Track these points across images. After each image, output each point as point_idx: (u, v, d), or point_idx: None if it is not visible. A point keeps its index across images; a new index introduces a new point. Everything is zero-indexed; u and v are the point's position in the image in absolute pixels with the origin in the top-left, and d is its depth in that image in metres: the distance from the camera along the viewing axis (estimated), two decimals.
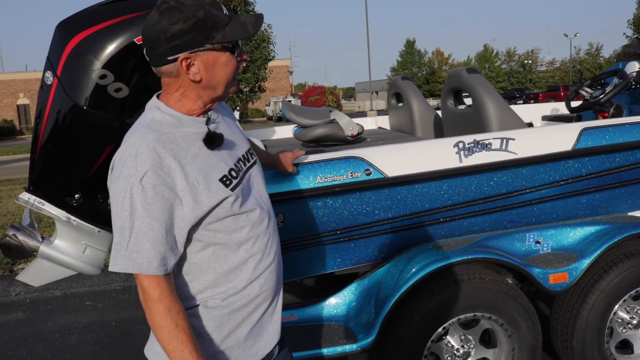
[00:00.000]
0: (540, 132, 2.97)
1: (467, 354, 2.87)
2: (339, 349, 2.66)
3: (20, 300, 5.39)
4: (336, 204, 2.66)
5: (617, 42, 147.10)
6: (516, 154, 2.84)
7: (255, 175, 1.77)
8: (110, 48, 3.06)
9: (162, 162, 1.49)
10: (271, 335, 1.77)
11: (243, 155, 1.73)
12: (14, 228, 3.28)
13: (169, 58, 1.55)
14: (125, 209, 1.46)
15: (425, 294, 2.68)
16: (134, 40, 3.05)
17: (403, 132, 4.45)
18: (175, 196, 1.50)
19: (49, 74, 3.30)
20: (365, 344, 2.63)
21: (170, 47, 1.53)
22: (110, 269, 1.50)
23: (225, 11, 1.59)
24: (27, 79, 52.14)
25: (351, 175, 2.62)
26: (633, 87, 3.71)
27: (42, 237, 3.30)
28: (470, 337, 2.86)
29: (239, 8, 13.60)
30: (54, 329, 4.63)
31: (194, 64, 1.55)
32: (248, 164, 1.74)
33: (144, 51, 1.63)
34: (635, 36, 26.92)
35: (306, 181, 2.57)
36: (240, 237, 1.64)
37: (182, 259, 1.60)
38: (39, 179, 3.38)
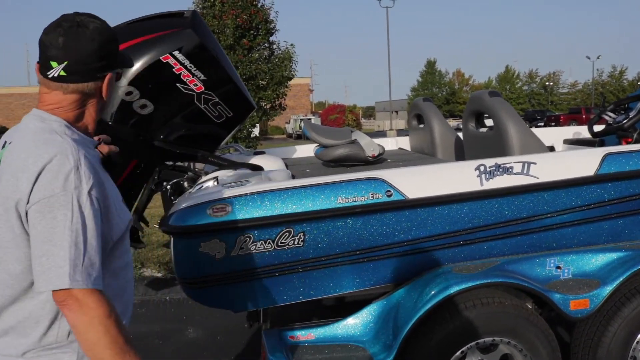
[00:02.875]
0: (563, 157, 2.96)
1: None
2: None
3: None
4: (357, 224, 2.67)
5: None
6: (538, 178, 2.83)
7: None
8: (136, 66, 3.13)
9: (98, 175, 1.51)
10: None
11: None
12: None
13: (98, 75, 1.60)
14: (75, 222, 1.41)
15: (445, 317, 2.67)
16: (160, 58, 3.12)
17: (424, 154, 4.46)
18: (108, 210, 1.53)
19: None
20: None
21: (101, 65, 1.59)
22: (69, 285, 1.39)
23: None
24: None
25: (372, 197, 2.63)
26: None
27: None
28: None
29: (260, 26, 13.79)
30: None
31: (108, 84, 1.65)
32: None
33: (64, 65, 1.56)
34: None
35: (327, 201, 2.59)
36: (127, 260, 1.69)
37: None
38: None
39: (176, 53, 3.10)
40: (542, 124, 37.59)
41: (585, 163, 2.91)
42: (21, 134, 1.55)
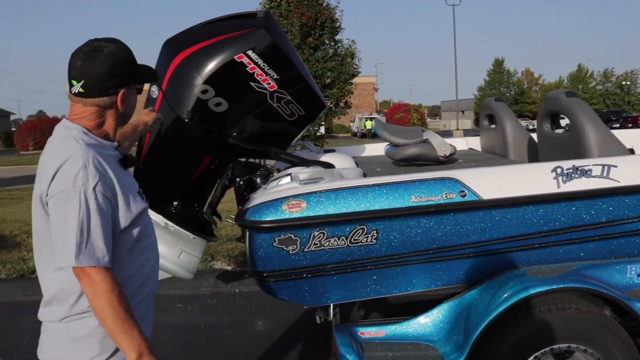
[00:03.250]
0: None
1: None
2: None
3: None
4: (430, 224, 2.67)
5: None
6: (618, 181, 2.75)
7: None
8: (212, 65, 3.24)
9: (106, 174, 1.81)
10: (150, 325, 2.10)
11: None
12: None
13: (111, 91, 1.92)
14: (82, 212, 1.72)
15: (519, 320, 2.63)
16: (234, 57, 3.22)
17: (495, 154, 4.39)
18: (116, 203, 1.83)
19: (154, 88, 3.53)
20: None
21: (114, 83, 1.90)
22: (75, 264, 1.72)
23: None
24: None
25: (446, 196, 2.63)
26: None
27: None
28: None
29: (326, 25, 13.86)
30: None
31: (125, 98, 1.96)
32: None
33: (80, 84, 1.88)
34: None
35: (401, 200, 2.61)
36: (144, 244, 1.99)
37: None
38: (141, 185, 3.60)
39: (250, 52, 3.19)
40: (618, 125, 36.00)
41: None
42: (51, 139, 1.92)
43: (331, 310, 3.13)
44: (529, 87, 69.29)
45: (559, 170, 2.72)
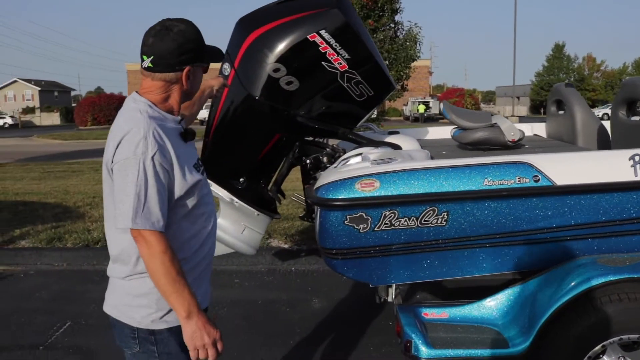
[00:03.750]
0: None
1: None
2: (491, 352, 2.68)
3: None
4: (501, 207, 2.68)
5: None
6: None
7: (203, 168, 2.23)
8: (284, 44, 3.29)
9: (164, 144, 1.92)
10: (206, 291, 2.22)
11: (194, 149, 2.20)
12: None
13: (177, 68, 2.02)
14: (140, 179, 1.84)
15: (587, 309, 2.61)
16: (307, 37, 3.27)
17: (562, 141, 4.32)
18: (172, 171, 1.94)
19: (226, 66, 3.61)
20: (519, 351, 2.63)
21: (179, 60, 2.00)
22: (132, 226, 1.84)
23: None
24: None
25: (519, 181, 2.62)
26: None
27: None
28: None
29: (385, 6, 13.74)
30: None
31: (190, 75, 2.06)
32: (198, 157, 2.20)
33: (150, 59, 2.00)
34: None
35: (474, 183, 2.62)
36: (199, 212, 2.09)
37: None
38: (209, 161, 3.70)
39: (322, 32, 3.22)
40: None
41: None
42: (121, 111, 2.05)
43: (393, 290, 3.18)
44: (589, 74, 66.94)
45: (636, 158, 2.67)
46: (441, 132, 4.92)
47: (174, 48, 1.97)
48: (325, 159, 3.73)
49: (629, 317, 2.60)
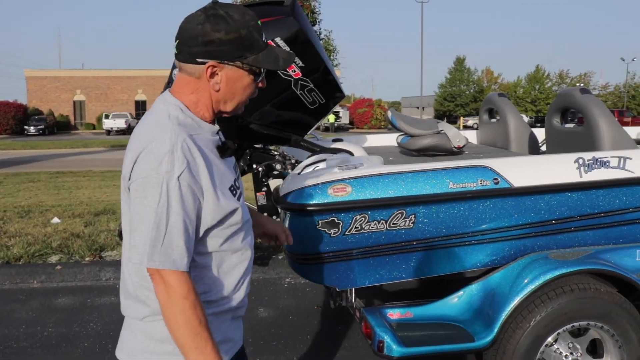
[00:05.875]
0: None
1: None
2: (457, 347, 2.81)
3: (111, 286, 5.69)
4: (464, 209, 2.83)
5: None
6: (633, 172, 2.96)
7: (242, 187, 1.83)
8: None
9: (195, 160, 1.54)
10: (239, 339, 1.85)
11: (235, 167, 1.81)
12: None
13: (198, 59, 1.59)
14: (161, 205, 1.48)
15: (543, 300, 2.81)
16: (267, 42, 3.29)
17: (496, 147, 4.59)
18: (202, 195, 1.56)
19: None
20: (484, 344, 2.78)
21: (204, 51, 1.57)
22: (147, 265, 1.50)
23: (264, 38, 1.66)
24: (85, 76, 54.08)
25: (480, 183, 2.79)
26: None
27: None
28: (578, 346, 2.98)
29: (307, 16, 13.96)
30: None
31: (217, 74, 1.61)
32: (237, 174, 1.81)
33: (176, 43, 1.63)
34: None
35: (440, 186, 2.76)
36: (235, 247, 1.71)
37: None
38: None
39: (278, 40, 3.25)
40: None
41: None
42: (147, 114, 1.70)
43: (353, 294, 3.25)
44: (488, 86, 70.78)
45: (580, 161, 2.91)
46: (380, 140, 5.09)
47: (201, 33, 1.56)
48: (278, 166, 3.76)
49: (578, 306, 2.83)
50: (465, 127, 42.58)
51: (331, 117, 47.14)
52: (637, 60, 66.20)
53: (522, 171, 2.87)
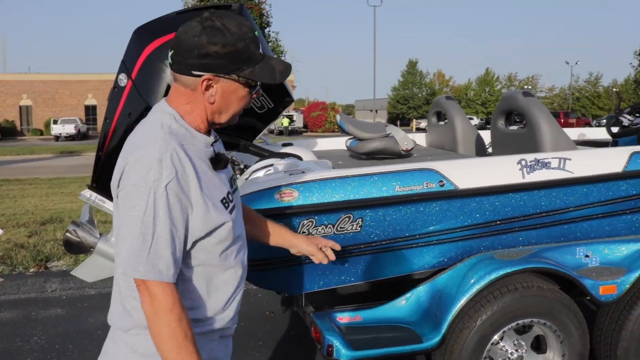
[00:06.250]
0: (593, 154, 3.19)
1: (520, 358, 3.05)
2: (405, 348, 2.84)
3: (57, 297, 5.53)
4: (410, 211, 2.86)
5: (615, 72, 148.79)
6: (572, 173, 3.05)
7: (238, 202, 1.81)
8: None
9: (184, 169, 1.52)
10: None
11: (232, 178, 1.80)
12: (74, 224, 3.40)
13: (194, 72, 1.57)
14: (147, 214, 1.46)
15: (489, 300, 2.86)
16: None
17: (444, 149, 4.67)
18: (190, 206, 1.53)
19: (122, 77, 3.49)
20: (432, 345, 2.81)
21: (200, 63, 1.55)
22: (130, 275, 1.49)
23: (261, 50, 1.64)
24: (31, 80, 52.49)
25: (426, 186, 2.83)
26: None
27: (100, 234, 3.42)
28: (523, 343, 3.05)
29: (256, 19, 13.90)
30: (96, 325, 4.76)
31: (213, 87, 1.59)
32: (234, 188, 1.79)
33: (171, 53, 1.61)
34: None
35: (387, 189, 2.78)
36: (227, 263, 1.68)
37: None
38: (103, 177, 3.55)
39: None
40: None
41: (614, 160, 3.14)
42: (142, 122, 1.66)
43: (303, 299, 3.25)
44: (440, 89, 72.16)
45: (523, 163, 2.99)
46: (330, 143, 5.11)
47: (197, 45, 1.53)
48: None
49: (522, 304, 2.90)
50: (418, 130, 43.19)
51: (285, 121, 47.14)
52: (580, 63, 68.64)
53: (467, 173, 2.92)
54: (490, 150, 4.64)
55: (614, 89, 66.39)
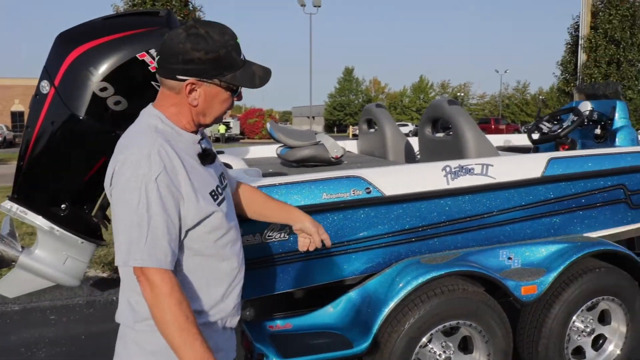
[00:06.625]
0: (514, 160, 3.33)
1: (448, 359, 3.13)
2: (336, 354, 2.86)
3: None
4: (338, 219, 2.89)
5: (541, 81, 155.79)
6: (494, 178, 3.17)
7: (229, 197, 1.91)
8: (112, 61, 3.18)
9: (172, 163, 1.63)
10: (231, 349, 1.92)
11: (221, 175, 1.91)
12: None
13: (178, 76, 1.69)
14: (141, 206, 1.56)
15: (416, 303, 2.93)
16: (137, 55, 3.19)
17: (374, 156, 4.74)
18: (181, 196, 1.64)
19: (45, 84, 3.37)
20: (361, 350, 2.84)
21: (183, 68, 1.67)
22: (129, 264, 1.58)
23: (242, 56, 1.77)
24: None
25: (353, 193, 2.86)
26: (586, 123, 4.17)
27: (22, 247, 3.29)
28: (450, 344, 3.13)
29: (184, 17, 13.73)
30: (20, 342, 4.55)
31: (196, 90, 1.71)
32: (224, 184, 1.89)
33: (157, 58, 1.74)
34: (563, 76, 28.91)
35: (314, 197, 2.80)
36: (222, 254, 1.79)
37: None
38: (24, 188, 3.42)
39: (152, 51, 3.17)
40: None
41: (533, 166, 3.29)
42: (132, 125, 1.79)
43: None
44: (375, 95, 73.24)
45: (447, 169, 3.07)
46: (262, 151, 5.10)
47: (182, 51, 1.65)
48: None
49: (449, 307, 2.98)
50: (355, 136, 43.73)
51: (222, 128, 46.70)
52: (509, 72, 71.41)
53: (393, 180, 2.98)
54: (419, 156, 4.76)
55: (541, 97, 69.43)
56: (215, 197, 1.76)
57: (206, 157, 1.78)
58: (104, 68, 3.17)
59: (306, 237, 2.22)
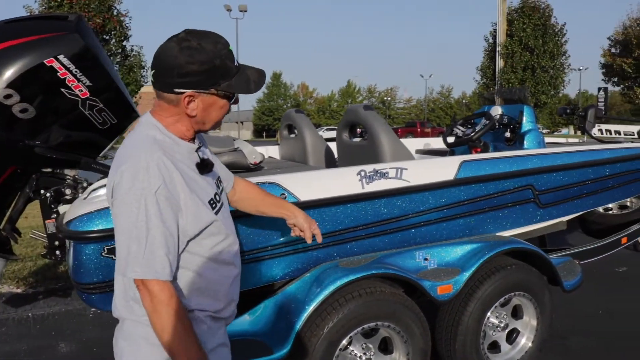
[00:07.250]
0: (428, 163, 3.41)
1: None
2: None
3: None
4: (255, 225, 2.88)
5: (464, 85, 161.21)
6: (409, 181, 3.24)
7: (225, 202, 2.00)
8: (16, 68, 3.04)
9: (171, 175, 1.67)
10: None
11: (218, 179, 1.96)
12: None
13: (175, 90, 1.72)
14: (140, 219, 1.60)
15: (335, 307, 2.95)
16: (44, 61, 3.06)
17: (295, 162, 4.75)
18: (179, 208, 1.68)
19: None
20: (281, 355, 2.84)
21: (180, 82, 1.70)
22: (128, 275, 1.63)
23: (235, 62, 1.80)
24: None
25: None
26: (497, 127, 4.34)
27: None
28: (371, 346, 3.18)
29: (114, 31, 13.34)
30: None
31: (194, 101, 1.74)
32: (220, 189, 1.96)
33: (152, 72, 1.76)
34: (482, 81, 30.08)
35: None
36: (220, 258, 1.85)
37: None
38: None
39: (61, 57, 3.04)
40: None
41: (446, 169, 3.39)
42: (130, 133, 1.80)
43: None
44: (304, 100, 73.56)
45: (362, 173, 3.12)
46: None
47: (176, 65, 1.67)
48: (67, 191, 3.52)
49: (367, 309, 3.02)
50: None
51: None
52: (434, 76, 73.44)
53: (309, 185, 2.99)
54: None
55: (464, 101, 71.87)
56: (213, 205, 1.81)
57: (204, 167, 1.81)
58: (7, 74, 3.02)
59: (299, 232, 2.33)
